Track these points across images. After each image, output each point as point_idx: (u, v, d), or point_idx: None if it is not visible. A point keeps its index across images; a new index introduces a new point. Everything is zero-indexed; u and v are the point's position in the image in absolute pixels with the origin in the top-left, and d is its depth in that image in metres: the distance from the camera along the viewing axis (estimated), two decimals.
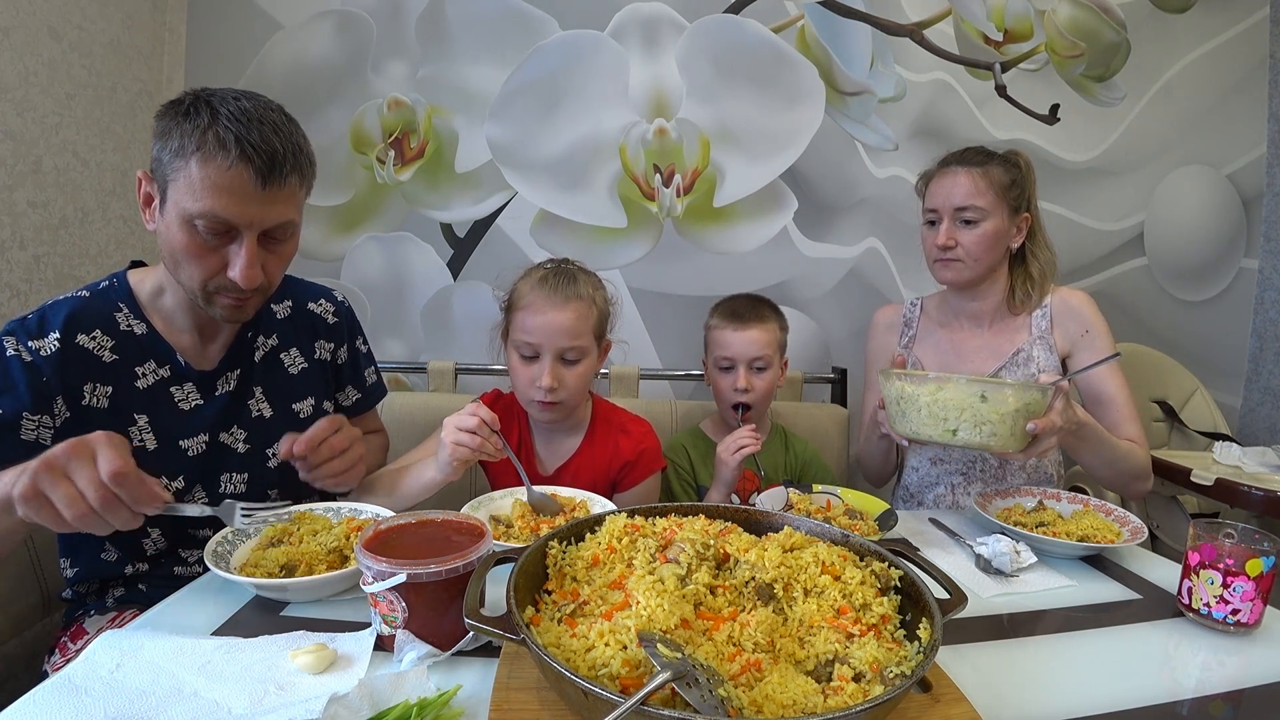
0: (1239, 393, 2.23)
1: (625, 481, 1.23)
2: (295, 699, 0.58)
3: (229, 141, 0.79)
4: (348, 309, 1.16)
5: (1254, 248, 2.17)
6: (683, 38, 1.85)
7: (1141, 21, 2.02)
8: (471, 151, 1.87)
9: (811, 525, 0.75)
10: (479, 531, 0.70)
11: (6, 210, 1.40)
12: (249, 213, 0.82)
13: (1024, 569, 0.91)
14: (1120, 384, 1.29)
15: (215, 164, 0.79)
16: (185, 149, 0.80)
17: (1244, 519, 1.49)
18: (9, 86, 1.39)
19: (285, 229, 0.88)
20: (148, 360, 0.93)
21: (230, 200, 0.81)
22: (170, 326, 0.95)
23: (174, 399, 0.95)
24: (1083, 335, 1.31)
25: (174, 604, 0.76)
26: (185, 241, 0.83)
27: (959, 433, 0.98)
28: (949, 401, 0.97)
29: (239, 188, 0.81)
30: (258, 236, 0.85)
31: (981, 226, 1.27)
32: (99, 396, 0.90)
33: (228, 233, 0.84)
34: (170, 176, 0.82)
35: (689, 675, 0.48)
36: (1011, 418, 0.96)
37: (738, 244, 1.95)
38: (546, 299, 1.11)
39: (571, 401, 1.15)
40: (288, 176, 0.84)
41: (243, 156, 0.80)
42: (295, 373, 1.06)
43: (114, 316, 0.92)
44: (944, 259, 1.31)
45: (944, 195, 1.31)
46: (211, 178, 0.80)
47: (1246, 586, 0.75)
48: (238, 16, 1.80)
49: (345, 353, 1.14)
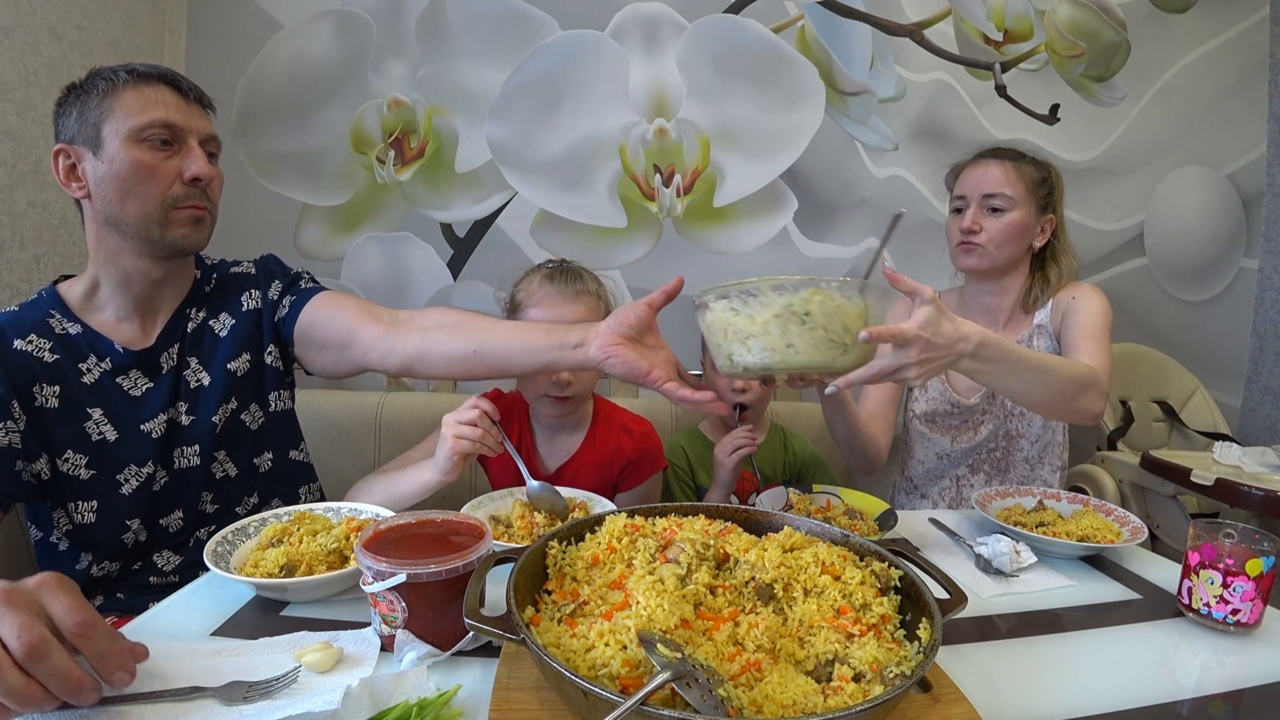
0: (1239, 393, 2.23)
1: (628, 481, 1.23)
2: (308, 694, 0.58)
3: (149, 73, 0.91)
4: (270, 259, 1.12)
5: (1254, 248, 2.17)
6: (683, 38, 1.85)
7: (1141, 21, 2.02)
8: (471, 151, 1.87)
9: (811, 525, 0.75)
10: (479, 531, 0.70)
11: (6, 210, 1.40)
12: (186, 119, 0.92)
13: (1024, 569, 0.91)
14: (1091, 310, 1.25)
15: (148, 85, 0.91)
16: (112, 91, 0.89)
17: (1244, 519, 1.49)
18: (9, 86, 1.39)
19: (214, 143, 0.97)
20: (88, 356, 0.95)
21: (169, 109, 0.91)
22: (106, 320, 0.98)
23: (123, 389, 0.97)
24: (1070, 300, 1.32)
25: (173, 605, 0.76)
26: (138, 160, 0.89)
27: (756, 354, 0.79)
28: (743, 326, 0.79)
29: (172, 100, 0.92)
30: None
31: (1007, 216, 1.28)
32: (48, 397, 0.92)
33: (175, 142, 0.92)
34: (102, 120, 0.89)
35: (689, 675, 0.48)
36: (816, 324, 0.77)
37: (738, 244, 1.95)
38: (558, 294, 1.14)
39: (583, 395, 1.17)
40: (199, 97, 0.96)
41: (164, 79, 0.92)
42: (224, 334, 1.04)
43: (47, 322, 0.94)
44: (966, 243, 1.32)
45: (974, 182, 1.32)
46: (147, 95, 0.90)
47: (1246, 586, 0.75)
48: (238, 16, 1.80)
49: (276, 289, 1.08)
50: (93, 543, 0.96)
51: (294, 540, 0.82)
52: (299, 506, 0.93)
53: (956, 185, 1.37)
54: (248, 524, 0.87)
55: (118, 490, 0.95)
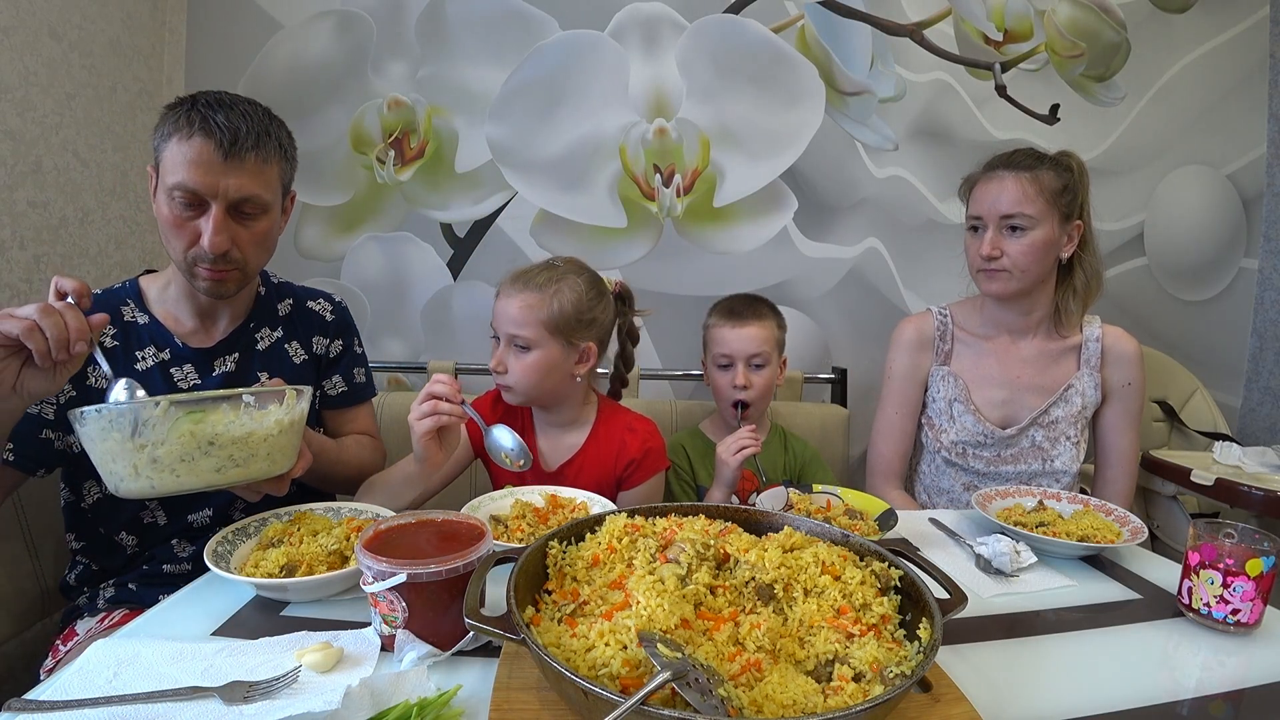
0: (1239, 393, 2.23)
1: (630, 480, 1.23)
2: (308, 694, 0.58)
3: (195, 120, 0.91)
4: (344, 309, 1.24)
5: (1254, 248, 2.17)
6: (683, 38, 1.85)
7: (1141, 21, 2.02)
8: (471, 151, 1.87)
9: (811, 525, 0.75)
10: (479, 531, 0.70)
11: (6, 210, 1.40)
12: (211, 182, 0.91)
13: (1024, 569, 0.91)
14: (1139, 402, 1.28)
15: (184, 139, 0.91)
16: (167, 133, 0.92)
17: (1244, 519, 1.49)
18: (9, 86, 1.39)
19: (252, 204, 0.96)
20: (148, 346, 1.02)
21: (195, 171, 0.90)
22: (173, 316, 1.05)
23: (174, 379, 1.03)
24: (1125, 387, 1.30)
25: (173, 604, 0.76)
26: (166, 214, 0.93)
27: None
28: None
29: (203, 159, 0.90)
30: (227, 210, 0.94)
31: (1029, 235, 1.21)
32: (100, 378, 0.97)
33: (199, 205, 0.93)
34: (160, 159, 0.93)
35: (689, 675, 0.48)
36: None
37: (738, 244, 1.95)
38: (508, 286, 1.17)
39: (521, 390, 1.16)
40: (248, 151, 0.93)
41: (205, 131, 0.90)
42: (298, 362, 1.15)
43: (120, 309, 1.02)
44: (989, 269, 1.24)
45: (989, 201, 1.23)
46: (182, 152, 0.91)
47: (1246, 586, 0.75)
48: (238, 16, 1.80)
49: (339, 347, 1.21)
50: (115, 515, 1.01)
51: (294, 540, 0.83)
52: (299, 506, 0.93)
53: (971, 203, 1.29)
54: (248, 524, 0.88)
55: None
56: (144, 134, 1.72)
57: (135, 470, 0.75)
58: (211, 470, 0.77)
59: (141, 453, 0.74)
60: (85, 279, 0.97)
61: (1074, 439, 1.31)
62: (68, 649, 0.94)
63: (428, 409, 0.95)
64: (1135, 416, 1.33)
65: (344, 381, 1.21)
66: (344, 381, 1.21)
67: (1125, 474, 1.32)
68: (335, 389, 1.21)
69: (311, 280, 1.83)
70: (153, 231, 1.75)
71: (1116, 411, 1.32)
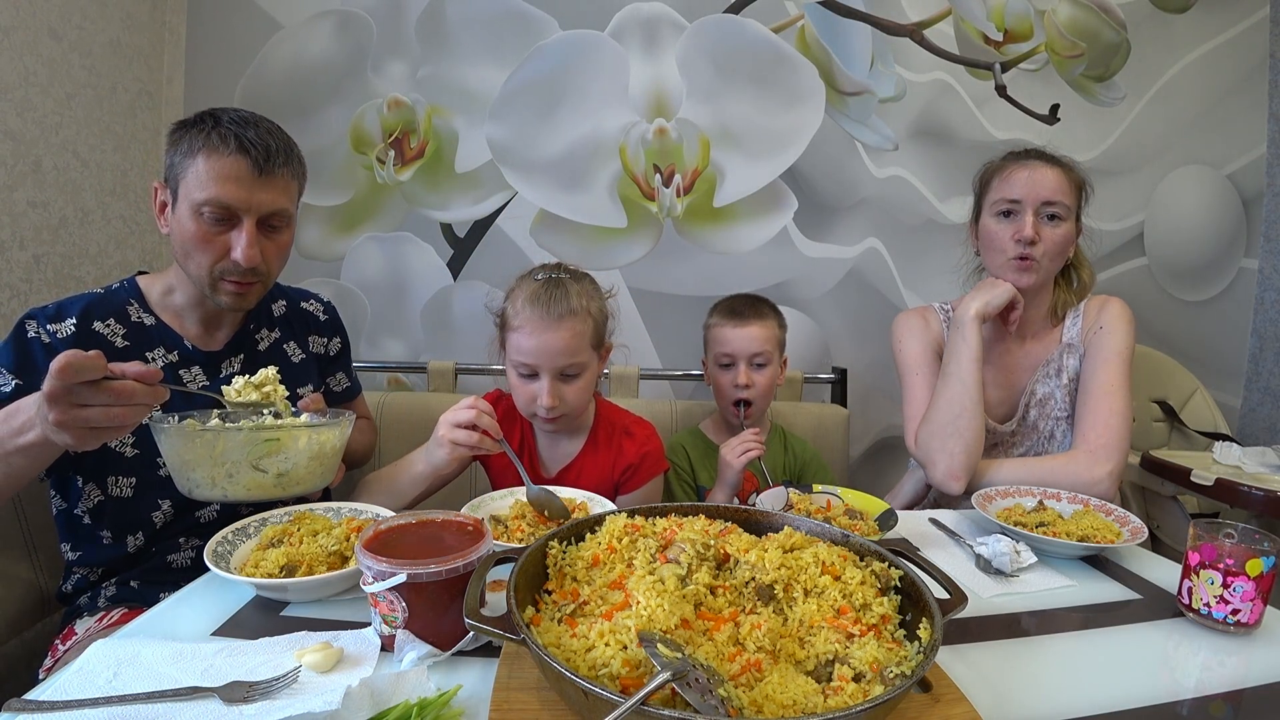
0: (1239, 393, 2.23)
1: (628, 484, 1.23)
2: (308, 694, 0.58)
3: (229, 137, 0.93)
4: (333, 308, 1.29)
5: (1254, 248, 2.17)
6: (683, 38, 1.85)
7: (1141, 21, 2.02)
8: (471, 151, 1.87)
9: (811, 525, 0.75)
10: (479, 531, 0.70)
11: (6, 210, 1.40)
12: (246, 197, 0.95)
13: (1024, 569, 0.91)
14: (1117, 349, 1.20)
15: (218, 156, 0.93)
16: (193, 149, 0.94)
17: (1244, 519, 1.49)
18: (9, 86, 1.39)
19: (280, 217, 1.00)
20: (157, 347, 1.03)
21: (231, 186, 0.93)
22: (178, 319, 1.06)
23: (183, 380, 1.05)
24: (1097, 331, 1.25)
25: (173, 604, 0.76)
26: (194, 230, 0.95)
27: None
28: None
29: (239, 175, 0.93)
30: (256, 223, 0.97)
31: (1063, 226, 1.19)
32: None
33: (230, 220, 0.96)
34: (180, 176, 0.95)
35: (689, 675, 0.48)
36: None
37: (738, 244, 1.95)
38: (540, 320, 1.08)
39: (575, 413, 1.17)
40: (280, 168, 0.97)
41: (240, 148, 0.93)
42: (297, 361, 1.18)
43: (125, 309, 1.03)
44: (1024, 260, 1.19)
45: (1030, 185, 1.19)
46: (215, 168, 0.93)
47: (1246, 586, 0.75)
48: (238, 16, 1.80)
49: (338, 345, 1.27)
50: (122, 517, 1.00)
51: (294, 540, 0.82)
52: (299, 506, 0.93)
53: (1005, 186, 1.23)
54: (248, 524, 0.87)
55: (156, 471, 1.00)
56: (144, 134, 1.72)
57: (212, 481, 0.84)
58: (273, 485, 0.87)
59: (220, 468, 0.84)
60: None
61: (1069, 414, 1.31)
62: (67, 648, 0.94)
63: (466, 439, 0.98)
64: (1114, 357, 1.22)
65: (346, 376, 1.29)
66: (346, 376, 1.29)
67: (1102, 410, 1.18)
68: (340, 384, 1.28)
69: (312, 280, 1.85)
70: (153, 232, 1.75)
71: (1090, 356, 1.25)
